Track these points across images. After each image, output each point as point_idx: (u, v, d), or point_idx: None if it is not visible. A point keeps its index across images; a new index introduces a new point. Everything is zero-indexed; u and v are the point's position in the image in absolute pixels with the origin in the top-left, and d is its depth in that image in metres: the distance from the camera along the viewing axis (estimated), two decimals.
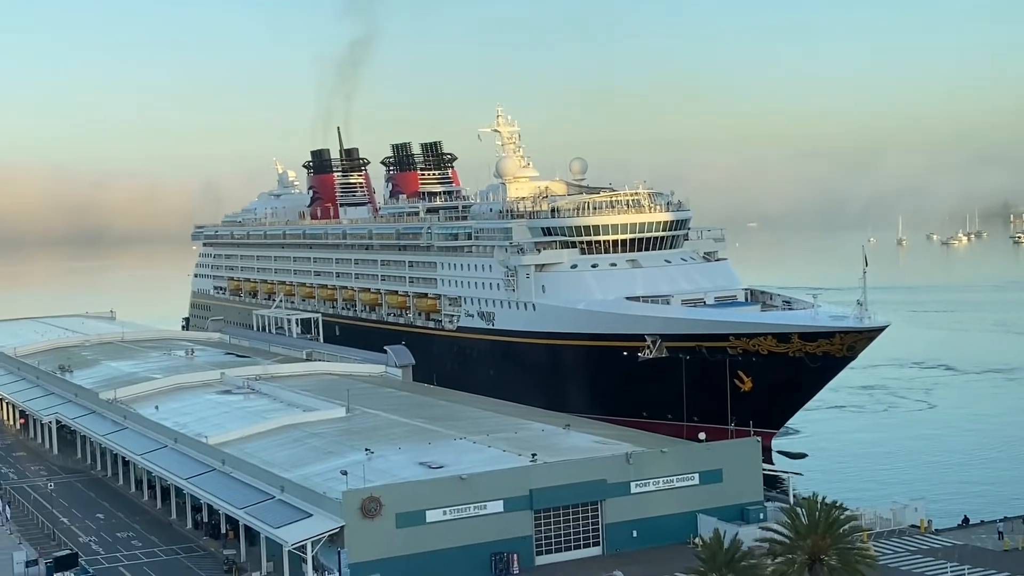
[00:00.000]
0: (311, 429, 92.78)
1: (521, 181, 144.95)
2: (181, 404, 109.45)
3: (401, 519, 69.90)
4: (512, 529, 72.60)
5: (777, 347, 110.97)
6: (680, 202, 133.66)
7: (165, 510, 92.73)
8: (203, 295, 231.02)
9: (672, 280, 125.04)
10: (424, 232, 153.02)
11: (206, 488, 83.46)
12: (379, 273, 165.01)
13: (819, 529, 58.88)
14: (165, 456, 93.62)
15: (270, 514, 74.36)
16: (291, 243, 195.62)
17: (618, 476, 75.60)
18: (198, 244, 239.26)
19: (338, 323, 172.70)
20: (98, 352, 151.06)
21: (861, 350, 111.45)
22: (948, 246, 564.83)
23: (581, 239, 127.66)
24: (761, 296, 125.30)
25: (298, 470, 79.58)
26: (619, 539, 75.54)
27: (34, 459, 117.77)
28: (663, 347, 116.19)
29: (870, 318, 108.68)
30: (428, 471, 75.42)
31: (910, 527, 79.65)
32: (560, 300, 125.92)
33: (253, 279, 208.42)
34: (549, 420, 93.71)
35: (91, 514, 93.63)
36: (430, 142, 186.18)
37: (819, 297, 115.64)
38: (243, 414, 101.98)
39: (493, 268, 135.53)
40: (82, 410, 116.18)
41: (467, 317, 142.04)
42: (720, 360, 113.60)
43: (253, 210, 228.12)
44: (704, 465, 78.43)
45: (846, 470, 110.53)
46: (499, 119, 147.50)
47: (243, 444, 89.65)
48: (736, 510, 77.27)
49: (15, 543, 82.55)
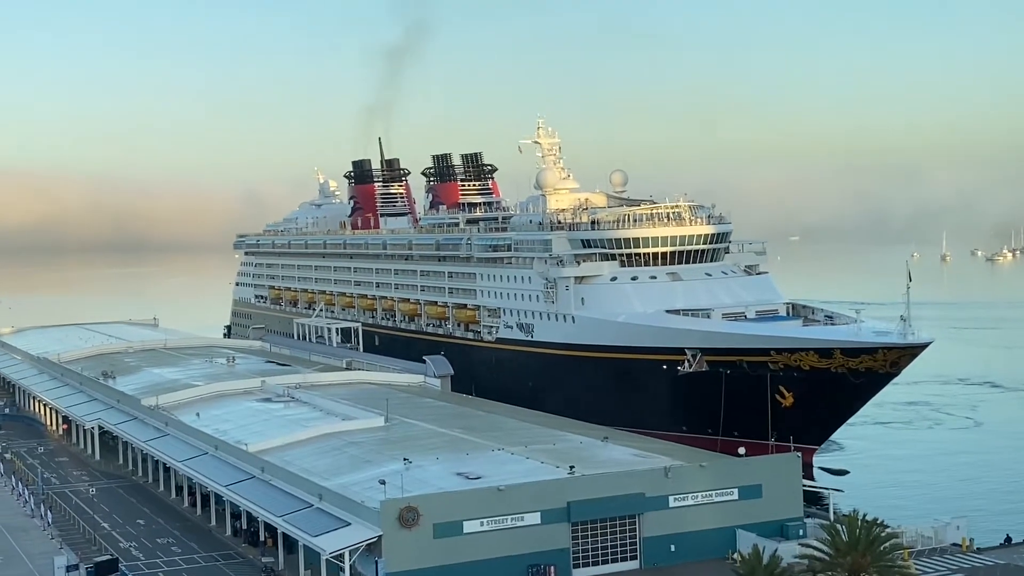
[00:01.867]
0: (350, 438, 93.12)
1: (561, 193, 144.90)
2: (222, 411, 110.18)
3: (438, 529, 69.95)
4: (549, 541, 72.42)
5: (819, 362, 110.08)
6: (721, 215, 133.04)
7: (205, 517, 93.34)
8: (244, 303, 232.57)
9: (713, 293, 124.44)
10: (464, 243, 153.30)
11: (245, 495, 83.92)
12: (419, 284, 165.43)
13: (859, 546, 58.38)
14: (205, 463, 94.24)
15: (308, 522, 74.64)
16: (332, 253, 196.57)
17: (656, 490, 75.24)
18: (240, 253, 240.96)
19: (378, 333, 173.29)
20: (141, 359, 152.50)
21: (904, 366, 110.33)
22: (992, 262, 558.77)
23: (621, 251, 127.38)
24: (803, 310, 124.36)
25: (336, 479, 79.86)
26: (657, 553, 75.12)
27: (76, 464, 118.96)
28: (703, 361, 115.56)
29: (914, 334, 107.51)
30: (466, 481, 75.44)
31: (952, 545, 78.76)
32: (599, 312, 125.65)
33: (294, 288, 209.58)
34: (587, 432, 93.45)
35: (132, 520, 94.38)
36: (471, 153, 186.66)
37: (862, 312, 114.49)
38: (283, 422, 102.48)
39: (533, 280, 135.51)
40: (124, 416, 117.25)
41: (506, 328, 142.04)
42: (761, 375, 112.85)
43: (294, 219, 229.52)
44: (743, 480, 77.91)
45: (888, 487, 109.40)
46: (540, 130, 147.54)
47: (282, 452, 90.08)
48: (775, 526, 76.67)
49: (56, 547, 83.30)
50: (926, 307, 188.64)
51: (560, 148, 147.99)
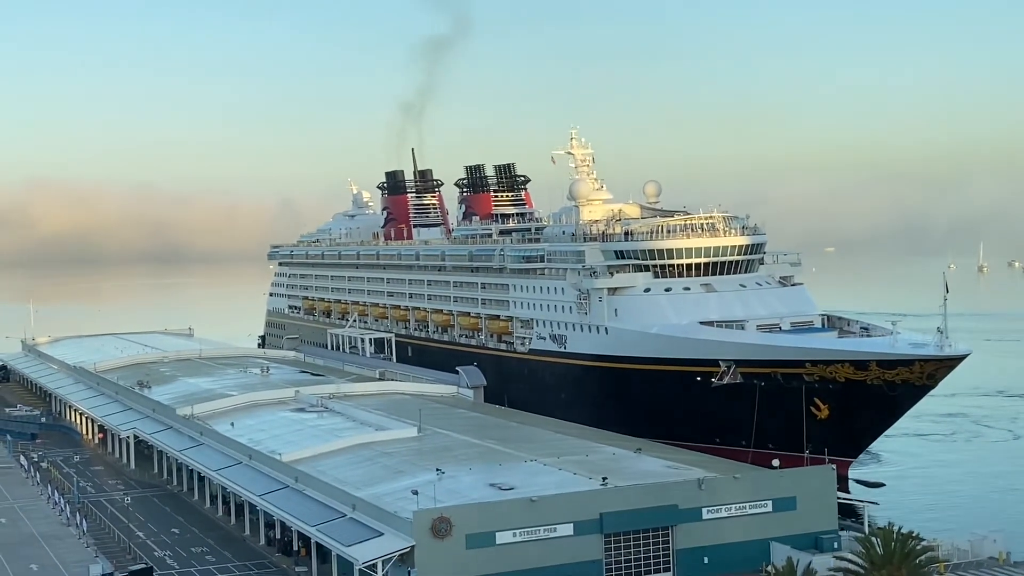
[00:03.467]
0: (383, 448, 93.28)
1: (594, 204, 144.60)
2: (256, 421, 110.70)
3: (471, 540, 69.93)
4: (582, 553, 72.23)
5: (855, 374, 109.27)
6: (756, 226, 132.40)
7: (239, 526, 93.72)
8: (278, 314, 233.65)
9: (747, 305, 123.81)
10: (497, 254, 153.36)
11: (279, 505, 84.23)
12: (452, 294, 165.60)
13: (894, 559, 57.91)
14: (239, 472, 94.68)
15: (341, 532, 74.81)
16: (365, 264, 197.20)
17: (690, 501, 74.93)
18: (274, 263, 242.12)
19: (411, 344, 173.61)
20: (176, 368, 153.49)
21: (941, 379, 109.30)
22: None
23: (655, 262, 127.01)
24: (838, 322, 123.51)
25: (369, 489, 80.00)
26: (690, 565, 74.76)
27: (112, 473, 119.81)
28: (737, 373, 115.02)
29: (951, 346, 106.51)
30: (498, 492, 75.39)
31: (988, 559, 77.81)
32: (633, 324, 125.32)
33: (327, 299, 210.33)
34: (620, 444, 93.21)
35: (166, 528, 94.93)
36: (503, 164, 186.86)
37: (898, 324, 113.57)
38: (316, 432, 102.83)
39: (566, 291, 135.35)
40: (159, 426, 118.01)
41: (539, 339, 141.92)
42: (796, 387, 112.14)
43: (328, 230, 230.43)
44: (777, 492, 77.45)
45: (924, 500, 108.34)
46: (573, 141, 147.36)
47: (316, 462, 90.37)
48: (810, 539, 76.10)
49: (92, 556, 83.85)
50: (963, 318, 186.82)
51: (593, 159, 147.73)
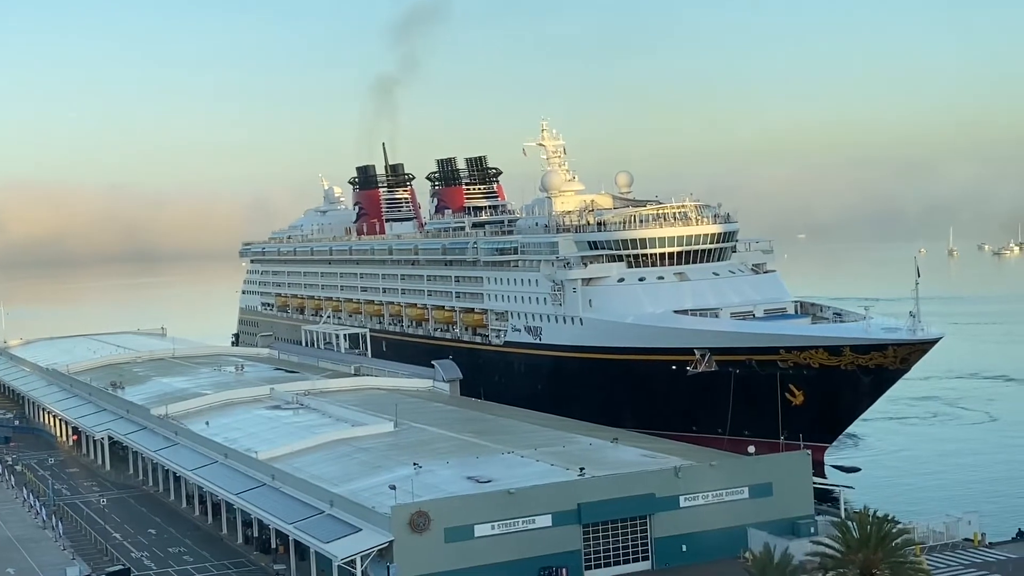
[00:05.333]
0: (360, 444, 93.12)
1: (567, 195, 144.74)
2: (231, 420, 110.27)
3: (450, 534, 69.99)
4: (560, 543, 72.42)
5: (828, 360, 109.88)
6: (728, 214, 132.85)
7: (216, 525, 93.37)
8: (251, 311, 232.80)
9: (720, 293, 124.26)
10: (470, 247, 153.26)
11: (256, 503, 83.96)
12: (425, 288, 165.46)
13: (871, 543, 58.21)
14: (216, 471, 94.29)
15: (320, 529, 74.67)
16: (338, 259, 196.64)
17: (667, 490, 75.23)
18: (246, 261, 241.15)
19: (385, 338, 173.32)
20: (149, 368, 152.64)
21: (915, 362, 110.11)
22: (999, 256, 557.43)
23: (628, 252, 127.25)
24: (811, 308, 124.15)
25: (347, 485, 79.87)
26: (668, 553, 75.09)
27: (87, 475, 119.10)
28: (712, 361, 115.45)
29: (923, 330, 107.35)
30: (476, 485, 75.42)
31: (963, 541, 78.52)
32: (607, 314, 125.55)
33: (300, 295, 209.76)
34: (597, 434, 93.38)
35: (143, 529, 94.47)
36: (475, 157, 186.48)
37: (871, 309, 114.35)
38: (292, 429, 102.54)
39: (540, 282, 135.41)
40: (134, 426, 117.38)
41: (514, 332, 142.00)
42: (770, 374, 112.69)
43: (299, 226, 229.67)
44: (754, 479, 77.85)
45: (899, 483, 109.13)
46: (544, 133, 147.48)
47: (292, 459, 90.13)
48: (787, 524, 76.47)
49: (68, 558, 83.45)
50: (934, 302, 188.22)
51: (565, 150, 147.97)
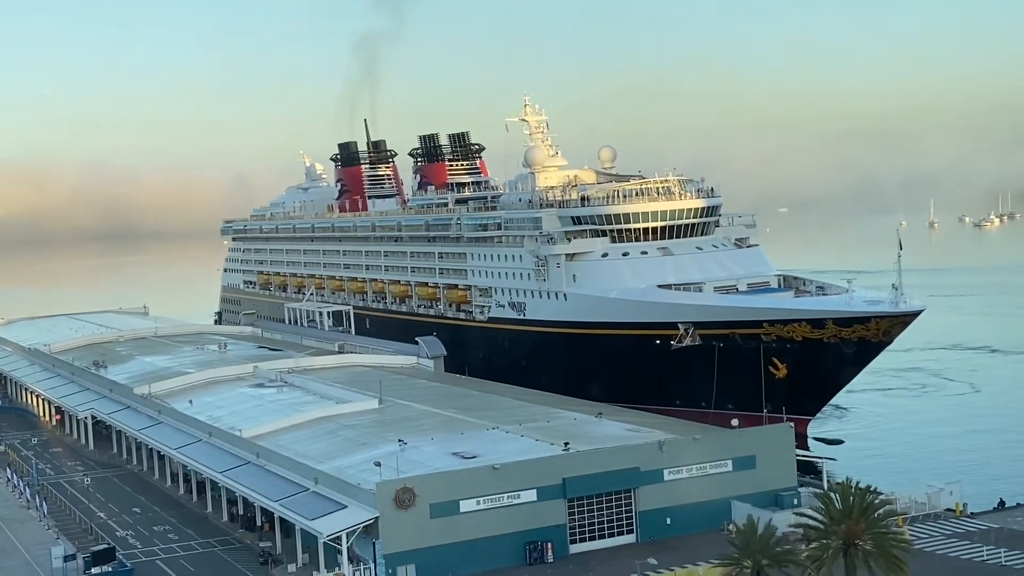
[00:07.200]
0: (344, 421, 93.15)
1: (550, 170, 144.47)
2: (215, 398, 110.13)
3: (435, 509, 70.15)
4: (546, 518, 72.69)
5: (812, 333, 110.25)
6: (711, 189, 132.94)
7: (201, 503, 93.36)
8: (234, 289, 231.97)
9: (704, 267, 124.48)
10: (453, 223, 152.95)
11: (241, 481, 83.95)
12: (409, 265, 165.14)
13: (853, 514, 58.44)
14: (200, 450, 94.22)
15: (305, 506, 74.72)
16: (320, 236, 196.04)
17: (651, 464, 75.55)
18: (227, 239, 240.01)
19: (369, 315, 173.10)
20: (132, 347, 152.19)
21: (897, 335, 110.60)
22: (980, 228, 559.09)
23: (611, 227, 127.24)
24: (794, 282, 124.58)
25: (332, 462, 79.92)
26: (653, 526, 75.47)
27: (70, 455, 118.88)
28: (696, 335, 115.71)
29: (906, 302, 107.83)
30: (461, 461, 75.55)
31: (945, 511, 79.23)
32: (591, 289, 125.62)
33: (283, 273, 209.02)
34: (581, 409, 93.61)
35: (128, 508, 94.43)
36: (458, 133, 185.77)
37: (853, 282, 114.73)
38: (276, 407, 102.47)
39: (523, 258, 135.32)
40: (117, 405, 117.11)
41: (498, 307, 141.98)
42: (754, 347, 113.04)
43: (281, 204, 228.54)
44: (737, 452, 78.26)
45: (881, 455, 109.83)
46: (526, 108, 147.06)
47: (277, 437, 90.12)
48: (770, 496, 77.05)
49: (53, 538, 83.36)
50: (916, 274, 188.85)
51: (547, 125, 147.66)
